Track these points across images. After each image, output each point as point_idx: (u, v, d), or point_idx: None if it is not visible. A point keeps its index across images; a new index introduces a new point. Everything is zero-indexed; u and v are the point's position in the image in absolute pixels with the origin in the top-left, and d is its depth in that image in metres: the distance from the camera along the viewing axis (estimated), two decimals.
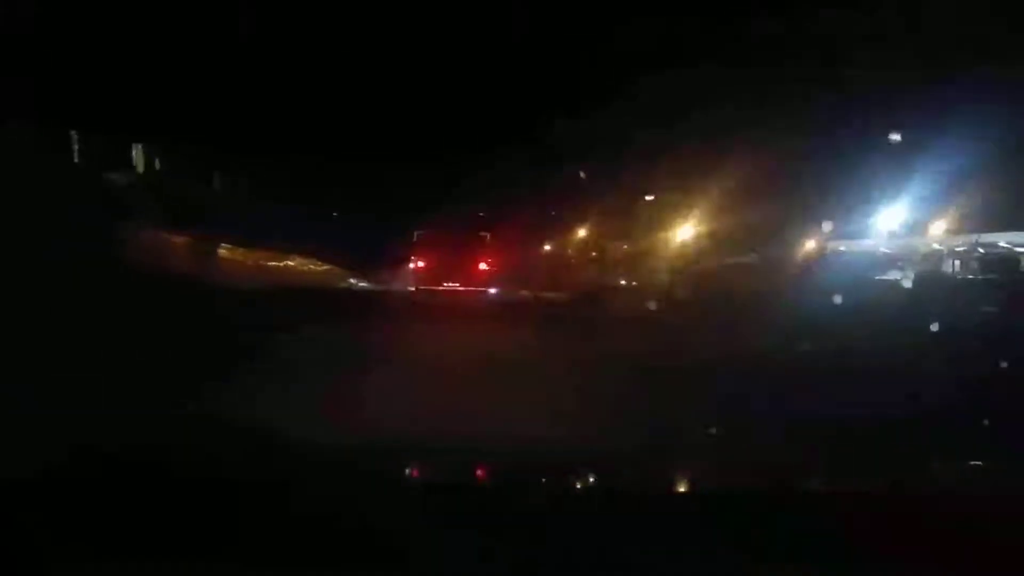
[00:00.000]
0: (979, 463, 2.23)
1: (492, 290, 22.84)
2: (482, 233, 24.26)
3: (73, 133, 18.92)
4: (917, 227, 26.30)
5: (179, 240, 17.11)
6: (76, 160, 18.85)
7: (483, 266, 23.20)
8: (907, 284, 20.11)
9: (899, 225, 26.39)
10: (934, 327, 9.36)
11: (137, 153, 22.03)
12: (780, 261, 26.38)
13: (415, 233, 24.58)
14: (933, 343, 8.50)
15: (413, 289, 22.81)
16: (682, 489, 1.88)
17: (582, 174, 27.53)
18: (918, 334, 8.99)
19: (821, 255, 26.20)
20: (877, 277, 22.01)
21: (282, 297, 14.62)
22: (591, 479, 1.89)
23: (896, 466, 2.15)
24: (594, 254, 33.66)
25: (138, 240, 14.46)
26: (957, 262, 25.13)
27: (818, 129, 22.30)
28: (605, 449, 2.77)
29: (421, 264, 23.46)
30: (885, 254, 26.02)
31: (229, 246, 21.19)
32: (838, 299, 14.33)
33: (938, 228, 26.39)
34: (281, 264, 26.45)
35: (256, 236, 23.87)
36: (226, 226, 22.03)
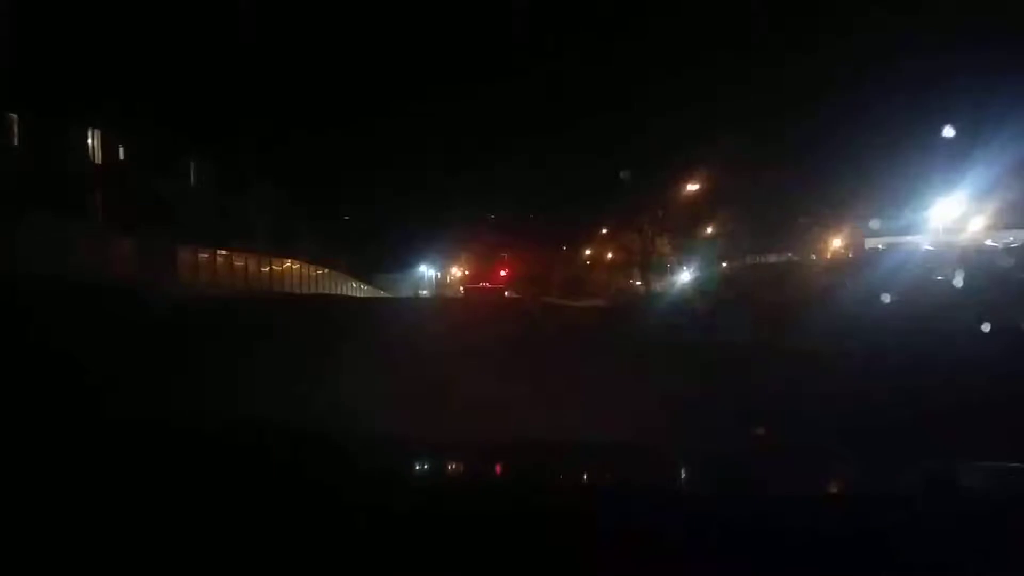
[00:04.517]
0: None
1: (507, 293, 30.87)
2: (502, 253, 39.23)
3: (11, 115, 16.31)
4: (958, 224, 24.46)
5: (125, 243, 14.23)
6: (15, 144, 16.22)
7: (503, 273, 38.35)
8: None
9: (952, 221, 24.66)
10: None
11: (95, 139, 19.30)
12: (818, 260, 25.06)
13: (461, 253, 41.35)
14: None
15: (462, 288, 34.86)
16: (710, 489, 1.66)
17: (622, 176, 26.28)
18: None
19: (863, 253, 24.64)
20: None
21: (242, 312, 11.87)
22: (627, 474, 1.72)
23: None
24: (611, 256, 32.68)
25: (68, 244, 11.82)
26: (1013, 260, 23.90)
27: (863, 125, 21.52)
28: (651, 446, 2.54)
29: (467, 272, 42.97)
30: (929, 251, 24.13)
31: (193, 248, 18.12)
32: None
33: (977, 224, 24.65)
34: (265, 269, 23.61)
35: (233, 237, 21.20)
36: (197, 225, 19.31)
